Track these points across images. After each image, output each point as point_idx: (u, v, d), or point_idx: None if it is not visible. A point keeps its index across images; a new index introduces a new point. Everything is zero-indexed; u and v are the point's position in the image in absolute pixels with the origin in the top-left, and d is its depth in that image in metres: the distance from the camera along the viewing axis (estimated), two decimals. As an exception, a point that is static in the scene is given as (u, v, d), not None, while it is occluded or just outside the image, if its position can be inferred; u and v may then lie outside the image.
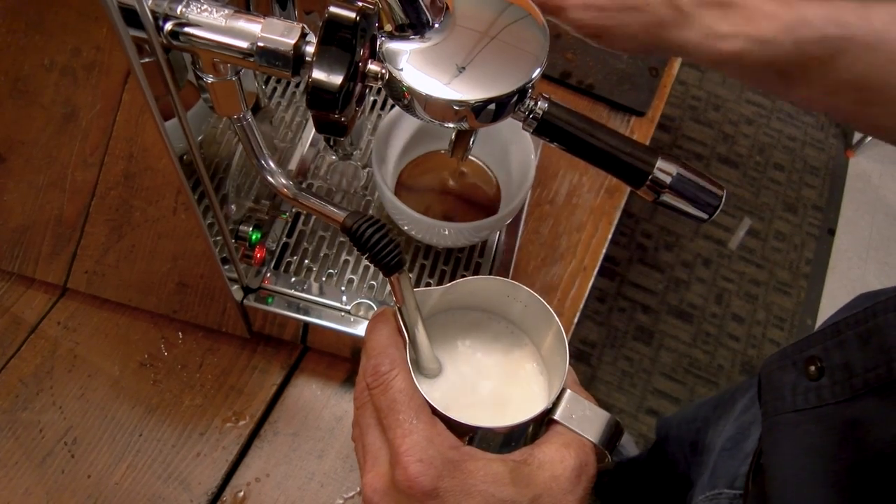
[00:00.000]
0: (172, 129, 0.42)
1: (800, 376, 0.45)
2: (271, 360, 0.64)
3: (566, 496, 0.36)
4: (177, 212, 0.53)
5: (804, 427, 0.44)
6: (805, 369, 0.45)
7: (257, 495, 0.59)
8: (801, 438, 0.44)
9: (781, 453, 0.45)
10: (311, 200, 0.39)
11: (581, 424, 0.39)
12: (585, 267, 0.71)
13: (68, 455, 0.58)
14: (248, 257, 0.56)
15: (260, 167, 0.39)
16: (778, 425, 0.46)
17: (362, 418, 0.39)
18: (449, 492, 0.34)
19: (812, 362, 0.45)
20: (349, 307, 0.59)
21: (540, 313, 0.43)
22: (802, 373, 0.45)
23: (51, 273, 0.63)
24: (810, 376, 0.45)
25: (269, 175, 0.39)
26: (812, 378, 0.44)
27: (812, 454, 0.43)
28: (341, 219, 0.37)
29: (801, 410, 0.44)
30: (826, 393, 0.43)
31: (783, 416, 0.46)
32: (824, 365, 0.44)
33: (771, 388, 0.48)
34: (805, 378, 0.45)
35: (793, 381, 0.46)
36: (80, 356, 0.63)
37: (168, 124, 0.42)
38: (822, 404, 0.43)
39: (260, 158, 0.39)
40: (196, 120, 0.54)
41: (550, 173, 0.76)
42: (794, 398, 0.45)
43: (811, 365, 0.45)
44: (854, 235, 1.93)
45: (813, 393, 0.44)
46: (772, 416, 0.47)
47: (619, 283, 1.79)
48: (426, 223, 0.55)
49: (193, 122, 0.44)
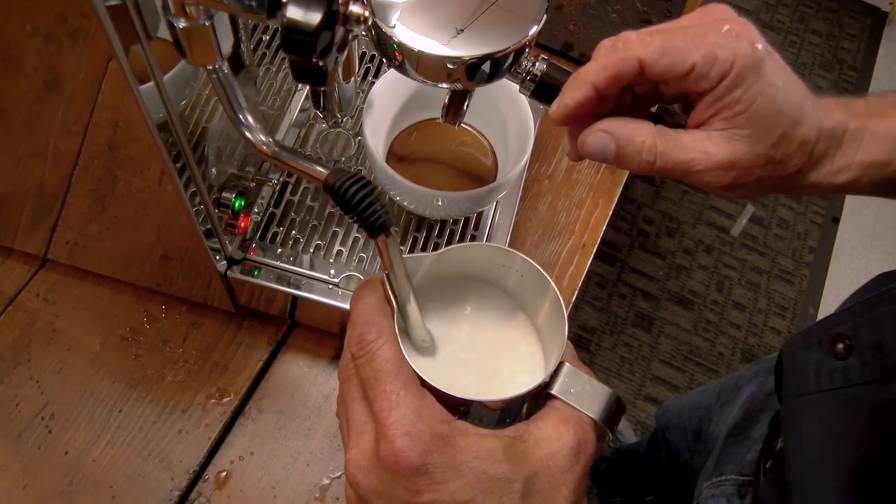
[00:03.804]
0: (149, 94, 0.40)
1: (825, 356, 0.43)
2: (257, 336, 0.62)
3: (563, 475, 0.34)
4: (162, 183, 0.51)
5: (828, 409, 0.41)
6: (831, 348, 0.42)
7: (241, 474, 0.57)
8: (824, 421, 0.41)
9: (803, 437, 0.43)
10: (292, 158, 0.36)
11: (580, 400, 0.36)
12: (585, 244, 0.69)
13: (45, 431, 0.56)
14: (231, 226, 0.54)
15: (237, 122, 0.37)
16: (800, 408, 0.44)
17: (347, 392, 0.37)
18: (438, 468, 0.32)
19: (839, 340, 0.42)
20: (338, 280, 0.56)
21: (536, 283, 0.40)
22: (828, 352, 0.43)
23: (30, 243, 0.60)
24: (837, 355, 0.42)
25: (248, 131, 0.37)
26: (839, 357, 0.42)
27: (836, 438, 0.40)
28: (324, 177, 0.35)
29: (825, 391, 0.42)
30: (854, 373, 0.41)
31: (806, 398, 0.43)
32: (853, 343, 0.41)
33: (793, 368, 0.45)
34: (831, 357, 0.42)
35: (817, 360, 0.43)
36: (60, 329, 0.60)
37: (145, 88, 0.40)
38: (850, 385, 0.41)
39: (238, 112, 0.37)
40: (176, 86, 0.52)
41: (549, 148, 0.74)
42: (818, 379, 0.43)
43: (838, 343, 0.42)
44: (858, 225, 1.91)
45: (839, 373, 0.42)
46: (793, 398, 0.44)
47: (620, 269, 1.76)
48: (419, 192, 0.53)
49: (174, 89, 0.42)
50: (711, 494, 0.55)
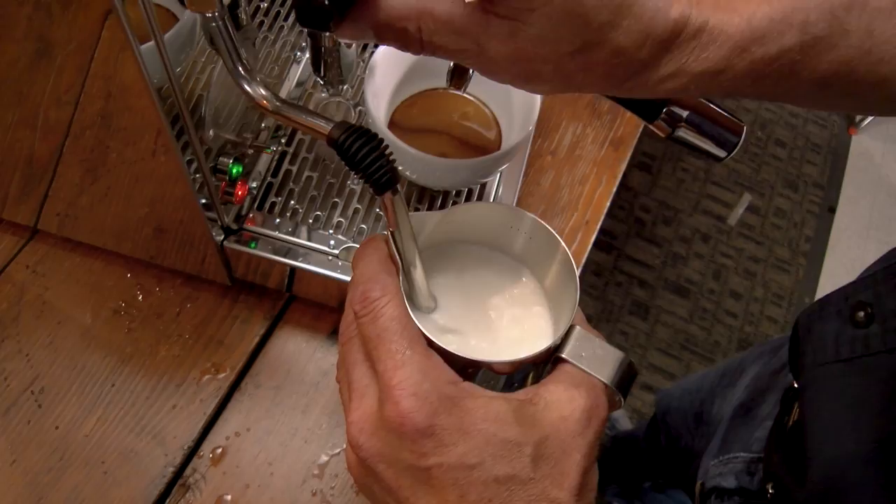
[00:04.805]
0: (149, 54, 0.39)
1: (845, 324, 0.42)
2: (254, 311, 0.60)
3: (575, 439, 0.32)
4: (156, 154, 0.49)
5: (848, 378, 0.40)
6: (852, 316, 0.41)
7: (237, 450, 0.55)
8: (844, 391, 0.40)
9: (822, 408, 0.42)
10: (294, 112, 0.35)
11: (591, 364, 0.35)
12: (588, 221, 0.68)
13: (35, 405, 0.55)
14: (228, 194, 0.52)
15: (237, 75, 0.35)
16: (818, 378, 0.42)
17: (349, 354, 0.35)
18: (445, 430, 0.31)
19: (860, 308, 0.41)
20: (337, 251, 0.55)
21: (545, 244, 0.39)
22: (848, 320, 0.42)
23: (19, 214, 0.58)
24: (858, 323, 0.41)
25: (247, 84, 0.35)
26: (860, 325, 0.41)
27: (857, 407, 0.39)
28: (328, 131, 0.33)
29: (845, 360, 0.41)
30: (876, 341, 0.40)
31: (824, 368, 0.42)
32: (874, 311, 0.40)
33: (811, 339, 0.44)
34: (851, 326, 0.41)
35: (836, 329, 0.42)
36: (50, 302, 0.59)
37: (145, 48, 0.38)
38: (872, 353, 0.39)
39: (237, 65, 0.35)
40: (173, 49, 0.50)
41: (553, 124, 0.73)
42: (837, 348, 0.42)
43: (859, 311, 0.41)
44: (855, 214, 1.90)
45: (860, 342, 0.40)
46: (811, 368, 0.43)
47: (616, 258, 1.75)
48: (422, 159, 0.51)
49: (171, 52, 0.41)
50: (719, 472, 0.54)
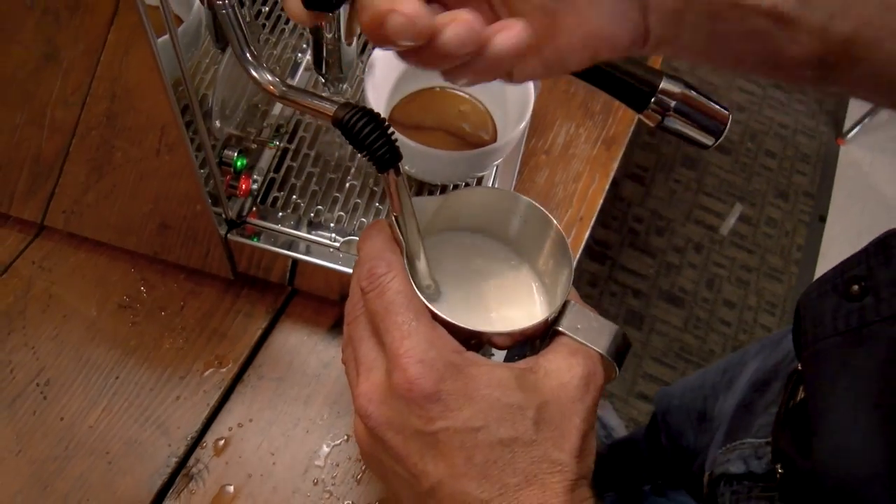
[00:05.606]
0: (164, 48, 0.41)
1: (841, 300, 0.44)
2: (256, 304, 0.61)
3: (574, 404, 0.34)
4: (160, 153, 0.51)
5: (846, 349, 0.42)
6: (846, 291, 0.43)
7: (240, 441, 0.56)
8: (844, 362, 0.42)
9: (824, 382, 0.43)
10: (300, 96, 0.36)
11: (587, 335, 0.36)
12: (582, 217, 0.69)
13: (40, 396, 0.56)
14: (232, 187, 0.54)
15: (245, 61, 0.37)
16: (819, 353, 0.44)
17: (355, 332, 0.37)
18: (451, 395, 0.32)
19: (854, 282, 0.43)
20: (339, 244, 0.56)
21: (539, 224, 0.41)
22: (844, 295, 0.44)
23: (26, 211, 0.60)
24: (852, 297, 0.43)
25: (255, 70, 0.37)
26: (854, 298, 0.43)
27: (855, 377, 0.41)
28: (332, 112, 0.35)
29: (843, 333, 0.43)
30: (870, 312, 0.42)
31: (824, 343, 0.44)
32: (867, 284, 0.42)
33: (810, 316, 0.46)
34: (846, 300, 0.43)
35: (834, 305, 0.44)
36: (56, 296, 0.60)
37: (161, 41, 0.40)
38: (867, 323, 0.41)
39: (245, 51, 0.37)
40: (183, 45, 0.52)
41: (546, 123, 0.74)
42: (835, 322, 0.43)
43: (853, 285, 0.43)
44: (845, 223, 1.93)
45: (855, 314, 0.42)
46: (812, 345, 0.45)
47: (611, 268, 1.77)
48: (419, 151, 0.53)
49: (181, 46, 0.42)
50: (727, 459, 0.55)
